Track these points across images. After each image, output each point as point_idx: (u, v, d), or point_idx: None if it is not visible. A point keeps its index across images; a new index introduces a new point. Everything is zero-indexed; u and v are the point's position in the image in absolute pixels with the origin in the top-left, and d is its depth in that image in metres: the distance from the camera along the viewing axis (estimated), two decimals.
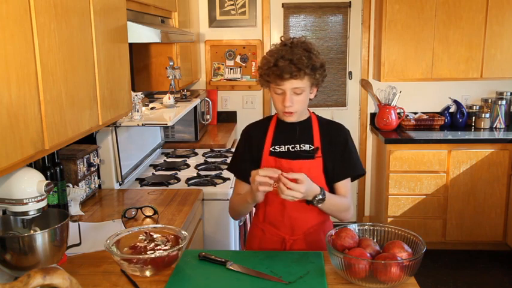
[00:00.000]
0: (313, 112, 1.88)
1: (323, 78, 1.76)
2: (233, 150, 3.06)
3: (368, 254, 1.48)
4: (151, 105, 2.98)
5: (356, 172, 1.84)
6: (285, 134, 1.81)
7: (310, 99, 1.79)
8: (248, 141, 1.87)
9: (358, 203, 4.53)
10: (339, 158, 1.79)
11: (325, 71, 1.76)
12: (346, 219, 1.82)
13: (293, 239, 1.81)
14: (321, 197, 1.65)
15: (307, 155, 1.77)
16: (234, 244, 2.65)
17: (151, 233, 1.68)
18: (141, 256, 1.54)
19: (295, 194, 1.56)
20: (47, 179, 1.49)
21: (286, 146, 1.80)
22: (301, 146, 1.78)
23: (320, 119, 1.86)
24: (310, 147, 1.79)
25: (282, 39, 1.76)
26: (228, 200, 2.02)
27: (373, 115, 4.33)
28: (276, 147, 1.81)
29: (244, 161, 1.86)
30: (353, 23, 4.24)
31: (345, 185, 1.82)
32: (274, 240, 1.84)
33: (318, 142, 1.79)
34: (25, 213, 1.46)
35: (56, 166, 1.97)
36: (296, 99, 1.70)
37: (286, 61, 1.64)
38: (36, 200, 1.46)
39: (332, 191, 1.82)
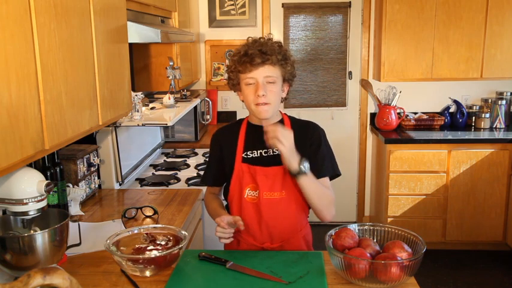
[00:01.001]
0: (285, 114, 1.83)
1: (293, 75, 1.75)
2: None
3: (368, 254, 1.48)
4: (151, 105, 2.98)
5: (334, 172, 1.77)
6: (256, 138, 1.73)
7: (283, 98, 1.76)
8: (219, 148, 1.83)
9: (358, 203, 4.53)
10: (313, 157, 1.71)
11: (295, 70, 1.77)
12: (330, 216, 1.73)
13: (272, 247, 1.76)
14: (305, 163, 1.59)
15: (281, 160, 1.64)
16: None
17: (151, 234, 1.68)
18: (141, 256, 1.54)
19: (282, 140, 1.54)
20: (47, 179, 1.49)
21: (259, 151, 1.74)
22: (275, 150, 1.71)
23: (292, 120, 1.81)
24: None
25: (249, 39, 1.77)
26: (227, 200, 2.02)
27: (373, 115, 4.33)
28: (248, 153, 1.75)
29: (213, 168, 1.86)
30: (353, 23, 4.24)
31: (324, 183, 1.74)
32: (252, 251, 1.76)
33: None
34: (25, 213, 1.46)
35: (56, 166, 1.97)
36: (269, 89, 1.66)
37: (256, 50, 1.66)
38: (36, 200, 1.46)
39: None
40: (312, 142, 1.75)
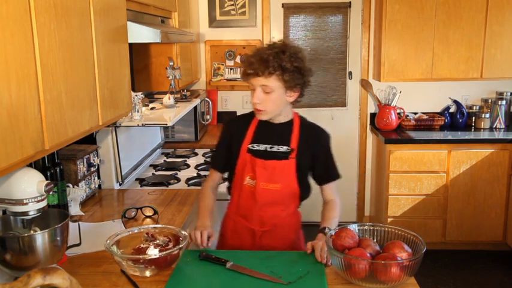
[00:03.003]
0: (297, 114, 1.93)
1: (299, 83, 1.77)
2: None
3: (368, 254, 1.48)
4: (151, 105, 2.98)
5: (339, 176, 1.93)
6: (264, 133, 1.87)
7: (292, 103, 1.84)
8: (229, 136, 1.94)
9: (358, 203, 4.53)
10: (322, 162, 1.89)
11: (305, 77, 1.78)
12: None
13: (262, 230, 1.89)
14: (332, 232, 1.66)
15: (282, 156, 1.83)
16: None
17: (151, 234, 1.68)
18: (141, 256, 1.54)
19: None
20: (47, 179, 1.50)
21: (264, 146, 1.86)
22: (279, 147, 1.85)
23: (303, 122, 1.92)
24: (287, 148, 1.85)
25: (272, 40, 1.85)
26: (227, 200, 2.03)
27: (373, 115, 4.33)
28: (254, 145, 1.87)
29: (222, 154, 1.95)
30: (353, 23, 4.24)
31: (331, 187, 1.93)
32: (245, 232, 1.92)
33: (295, 144, 1.84)
34: (25, 213, 1.46)
35: (56, 166, 1.97)
36: (265, 98, 1.75)
37: (255, 58, 1.72)
38: (36, 200, 1.46)
39: (306, 188, 1.91)
40: (321, 145, 1.89)
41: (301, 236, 2.01)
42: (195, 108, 3.59)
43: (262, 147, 1.85)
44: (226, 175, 2.02)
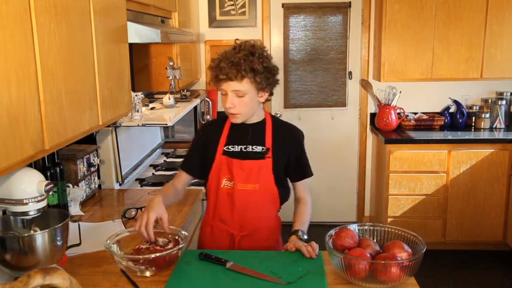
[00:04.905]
0: (269, 113, 1.94)
1: (270, 82, 1.77)
2: None
3: (368, 254, 1.48)
4: (151, 105, 2.98)
5: (312, 173, 1.94)
6: (238, 135, 1.87)
7: (263, 103, 1.84)
8: (203, 140, 1.92)
9: (358, 203, 4.53)
10: (296, 159, 1.89)
11: (275, 76, 1.79)
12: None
13: (241, 234, 1.87)
14: (305, 237, 1.76)
15: (258, 156, 1.83)
16: None
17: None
18: (141, 256, 1.54)
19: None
20: (47, 179, 1.50)
21: (239, 147, 1.86)
22: (254, 147, 1.85)
23: (275, 121, 1.92)
24: (262, 148, 1.85)
25: (236, 41, 1.80)
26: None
27: (373, 115, 4.33)
28: (229, 147, 1.86)
29: (195, 157, 1.92)
30: (353, 23, 4.24)
31: (304, 185, 1.94)
32: (223, 236, 1.90)
33: (270, 143, 1.85)
34: (25, 213, 1.46)
35: (56, 166, 1.97)
36: (238, 101, 1.74)
37: (225, 63, 1.69)
38: (36, 200, 1.46)
39: (284, 186, 1.91)
40: (295, 143, 1.90)
41: (280, 241, 1.99)
42: (195, 108, 3.59)
43: (237, 148, 1.85)
44: (194, 181, 1.98)
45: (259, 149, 1.84)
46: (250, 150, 1.84)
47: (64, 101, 1.44)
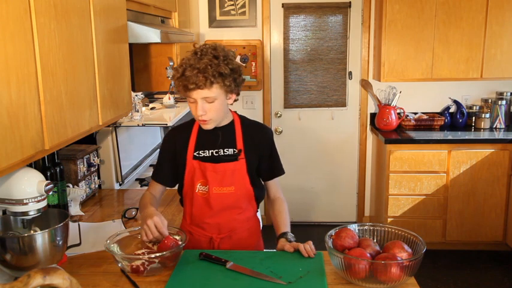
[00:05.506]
0: (236, 113, 1.90)
1: (238, 83, 1.74)
2: None
3: (368, 254, 1.48)
4: (151, 105, 2.98)
5: (283, 171, 1.93)
6: (207, 139, 1.82)
7: (231, 104, 1.80)
8: (172, 146, 1.86)
9: (358, 203, 4.53)
10: (267, 158, 1.87)
11: (241, 76, 1.74)
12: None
13: (220, 237, 1.86)
14: (294, 239, 1.76)
15: (231, 158, 1.80)
16: None
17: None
18: (141, 256, 1.54)
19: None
20: (47, 179, 1.50)
21: (210, 151, 1.81)
22: (225, 150, 1.81)
23: (243, 121, 1.88)
24: (234, 151, 1.81)
25: (195, 45, 1.74)
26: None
27: (373, 115, 4.33)
28: (200, 152, 1.81)
29: (165, 167, 1.88)
30: (353, 23, 4.24)
31: (276, 183, 1.93)
32: (202, 240, 1.87)
33: (241, 144, 1.82)
34: (25, 213, 1.46)
35: (56, 166, 1.97)
36: (209, 108, 1.69)
37: (192, 71, 1.63)
38: (36, 200, 1.46)
39: (260, 188, 1.90)
40: (265, 142, 1.87)
41: (261, 243, 1.98)
42: None
43: (208, 153, 1.80)
44: (172, 187, 1.95)
45: (230, 151, 1.80)
46: (222, 154, 1.80)
47: (64, 101, 1.44)
